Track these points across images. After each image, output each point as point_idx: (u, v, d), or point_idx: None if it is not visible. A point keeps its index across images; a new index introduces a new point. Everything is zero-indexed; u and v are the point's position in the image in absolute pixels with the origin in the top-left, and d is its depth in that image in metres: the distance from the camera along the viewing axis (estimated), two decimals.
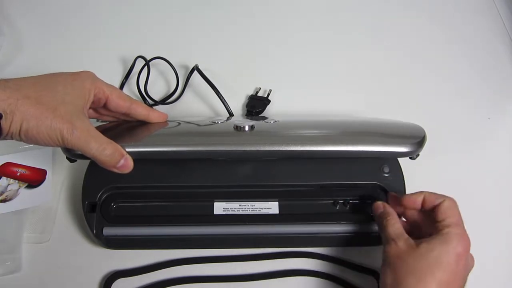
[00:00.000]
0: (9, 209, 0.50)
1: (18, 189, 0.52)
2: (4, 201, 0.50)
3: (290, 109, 0.60)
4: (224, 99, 0.58)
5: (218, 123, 0.50)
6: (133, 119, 0.48)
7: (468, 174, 0.55)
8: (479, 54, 0.67)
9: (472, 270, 0.42)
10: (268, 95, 0.60)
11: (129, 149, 0.43)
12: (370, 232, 0.48)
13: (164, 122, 0.50)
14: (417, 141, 0.46)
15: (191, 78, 0.62)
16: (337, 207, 0.49)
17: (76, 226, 0.51)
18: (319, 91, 0.62)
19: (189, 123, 0.51)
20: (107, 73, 0.48)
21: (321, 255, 0.49)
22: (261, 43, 0.68)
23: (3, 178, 0.52)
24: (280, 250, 0.49)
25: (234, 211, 0.49)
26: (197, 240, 0.48)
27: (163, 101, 0.61)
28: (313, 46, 0.67)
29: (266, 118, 0.53)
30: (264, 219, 0.48)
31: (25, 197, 0.51)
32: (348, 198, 0.49)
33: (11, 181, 0.52)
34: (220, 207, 0.49)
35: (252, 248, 0.49)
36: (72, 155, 0.44)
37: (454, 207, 0.42)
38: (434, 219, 0.42)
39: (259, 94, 0.61)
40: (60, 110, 0.39)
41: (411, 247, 0.40)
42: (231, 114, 0.58)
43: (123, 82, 0.62)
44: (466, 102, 0.62)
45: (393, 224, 0.43)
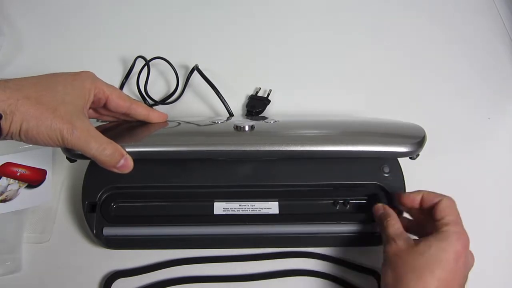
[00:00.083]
0: (9, 209, 0.50)
1: (18, 189, 0.52)
2: (4, 201, 0.50)
3: (290, 109, 0.60)
4: (224, 99, 0.58)
5: (218, 123, 0.50)
6: (133, 119, 0.48)
7: (468, 174, 0.55)
8: (479, 54, 0.67)
9: (472, 270, 0.42)
10: (268, 95, 0.60)
11: (129, 149, 0.43)
12: (370, 232, 0.48)
13: (164, 122, 0.50)
14: (417, 141, 0.46)
15: (191, 78, 0.62)
16: (337, 207, 0.49)
17: (76, 226, 0.51)
18: (319, 91, 0.62)
19: (189, 123, 0.51)
20: (107, 73, 0.48)
21: (321, 255, 0.49)
22: (261, 43, 0.68)
23: (3, 178, 0.52)
24: (280, 250, 0.49)
25: (234, 211, 0.49)
26: (197, 240, 0.48)
27: (163, 101, 0.61)
28: (313, 46, 0.67)
29: (266, 118, 0.53)
30: (264, 219, 0.48)
31: (25, 197, 0.51)
32: (348, 198, 0.49)
33: (11, 181, 0.52)
34: (220, 207, 0.49)
35: (252, 248, 0.49)
36: (72, 155, 0.44)
37: (452, 205, 0.42)
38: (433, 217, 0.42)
39: (259, 94, 0.61)
40: (60, 110, 0.39)
41: (410, 245, 0.40)
42: (231, 114, 0.58)
43: (123, 82, 0.62)
44: (466, 102, 0.62)
45: (393, 225, 0.43)
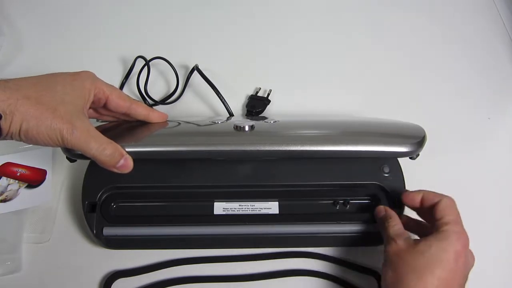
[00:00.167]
0: (9, 209, 0.50)
1: (18, 189, 0.52)
2: (4, 201, 0.50)
3: (290, 109, 0.60)
4: (224, 99, 0.58)
5: (218, 123, 0.50)
6: (133, 119, 0.48)
7: (468, 174, 0.55)
8: (479, 54, 0.67)
9: (472, 270, 0.42)
10: (268, 95, 0.60)
11: (129, 149, 0.43)
12: (370, 232, 0.48)
13: (164, 122, 0.50)
14: (417, 141, 0.46)
15: (191, 78, 0.62)
16: (337, 207, 0.49)
17: (76, 226, 0.51)
18: (319, 91, 0.62)
19: (189, 123, 0.51)
20: (107, 73, 0.48)
21: (321, 255, 0.49)
22: (261, 43, 0.68)
23: (3, 178, 0.52)
24: (280, 250, 0.49)
25: (234, 211, 0.49)
26: (197, 240, 0.48)
27: (163, 101, 0.61)
28: (313, 46, 0.67)
29: (266, 118, 0.53)
30: (264, 219, 0.48)
31: (25, 197, 0.51)
32: (348, 198, 0.49)
33: (11, 181, 0.52)
34: (220, 207, 0.49)
35: (252, 248, 0.49)
36: (72, 155, 0.44)
37: (452, 205, 0.42)
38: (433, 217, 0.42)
39: (259, 94, 0.61)
40: (60, 110, 0.39)
41: (410, 245, 0.41)
42: (231, 114, 0.58)
43: (123, 82, 0.62)
44: (466, 102, 0.62)
45: (393, 226, 0.43)
